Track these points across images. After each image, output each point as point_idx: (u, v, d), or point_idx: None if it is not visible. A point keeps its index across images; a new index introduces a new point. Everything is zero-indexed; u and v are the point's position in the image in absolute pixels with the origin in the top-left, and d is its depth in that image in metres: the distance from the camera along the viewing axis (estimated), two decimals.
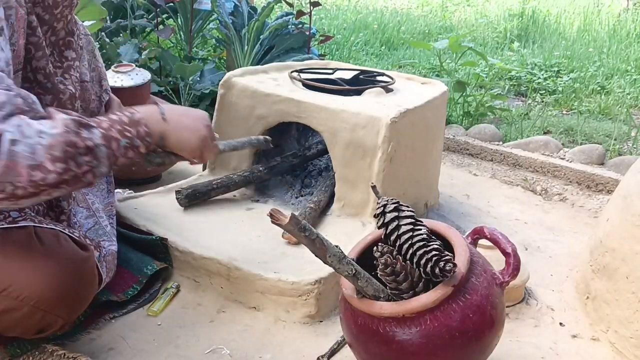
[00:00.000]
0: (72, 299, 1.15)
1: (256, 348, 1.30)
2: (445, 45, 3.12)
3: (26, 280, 1.08)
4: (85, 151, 1.00)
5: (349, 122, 1.59)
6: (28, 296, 1.08)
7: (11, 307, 1.08)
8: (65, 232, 1.20)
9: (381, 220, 1.10)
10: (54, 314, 1.12)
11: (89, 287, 1.20)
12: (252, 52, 2.93)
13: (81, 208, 1.40)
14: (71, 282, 1.13)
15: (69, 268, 1.12)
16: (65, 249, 1.15)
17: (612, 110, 3.24)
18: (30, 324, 1.12)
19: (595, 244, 1.49)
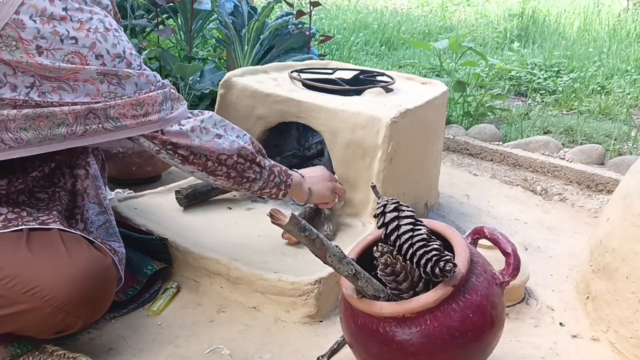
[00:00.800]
0: (95, 303, 1.17)
1: (256, 348, 1.30)
2: (445, 45, 3.12)
3: (53, 282, 1.09)
4: (256, 165, 1.37)
5: (349, 122, 1.59)
6: (54, 297, 1.09)
7: (35, 307, 1.09)
8: (87, 238, 1.22)
9: (381, 220, 1.10)
10: (75, 315, 1.13)
11: (110, 292, 1.22)
12: (252, 52, 2.93)
13: (93, 204, 1.41)
14: (95, 286, 1.15)
15: (93, 273, 1.14)
16: (89, 254, 1.17)
17: (612, 110, 3.24)
18: (51, 324, 1.13)
19: (595, 243, 1.49)
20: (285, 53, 3.00)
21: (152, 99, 1.18)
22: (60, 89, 1.08)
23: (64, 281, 1.10)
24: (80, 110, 1.10)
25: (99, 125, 1.13)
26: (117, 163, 1.95)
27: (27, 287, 1.08)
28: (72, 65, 1.07)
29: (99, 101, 1.12)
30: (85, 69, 1.08)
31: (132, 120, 1.16)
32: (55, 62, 1.06)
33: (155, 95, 1.19)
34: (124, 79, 1.14)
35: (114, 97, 1.13)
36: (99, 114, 1.12)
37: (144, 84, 1.18)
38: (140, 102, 1.17)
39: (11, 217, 1.16)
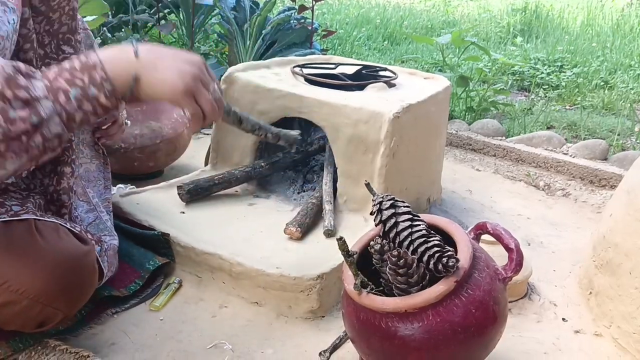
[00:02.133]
0: (71, 293, 1.14)
1: (258, 343, 1.30)
2: (448, 40, 3.11)
3: (26, 274, 1.07)
4: (19, 104, 0.83)
5: (351, 118, 1.59)
6: (27, 289, 1.07)
7: (10, 301, 1.07)
8: (65, 226, 1.19)
9: (378, 217, 1.09)
10: (53, 307, 1.11)
11: (89, 281, 1.19)
12: (254, 47, 2.93)
13: (81, 202, 1.40)
14: (71, 275, 1.12)
15: (68, 262, 1.12)
16: (65, 243, 1.14)
17: (616, 105, 3.23)
18: (29, 317, 1.11)
19: (598, 239, 1.48)
20: (287, 48, 3.00)
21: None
22: None
23: (36, 273, 1.07)
24: None
25: None
26: (118, 158, 1.95)
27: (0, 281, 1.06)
28: None
29: None
30: None
31: None
32: None
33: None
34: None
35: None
36: None
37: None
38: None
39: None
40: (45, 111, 0.85)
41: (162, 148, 1.99)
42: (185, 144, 2.12)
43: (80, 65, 0.89)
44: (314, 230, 1.59)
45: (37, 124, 0.85)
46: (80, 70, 0.89)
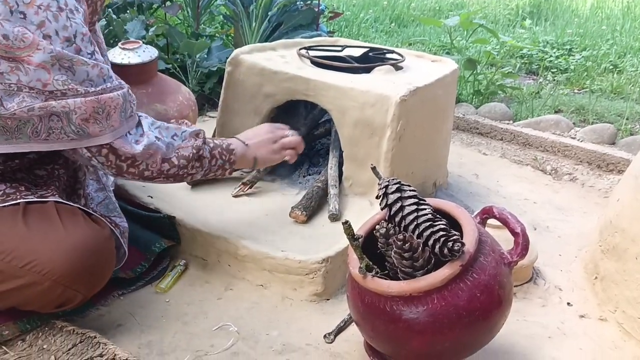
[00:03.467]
0: (92, 275, 1.17)
1: (263, 325, 1.31)
2: (456, 22, 3.08)
3: (50, 256, 1.09)
4: (198, 158, 1.31)
5: (358, 101, 1.58)
6: (50, 271, 1.09)
7: (33, 281, 1.10)
8: (83, 209, 1.22)
9: (384, 201, 1.09)
10: (74, 289, 1.14)
11: (108, 264, 1.22)
12: (260, 29, 2.91)
13: (92, 180, 1.41)
14: (93, 258, 1.15)
15: (90, 244, 1.14)
16: (85, 226, 1.17)
17: (625, 89, 3.20)
18: (50, 298, 1.13)
19: (605, 224, 1.48)
20: (293, 30, 2.97)
21: (114, 101, 1.12)
22: (18, 70, 1.03)
23: (60, 254, 1.10)
24: (43, 110, 1.05)
25: (62, 131, 1.09)
26: None
27: (24, 261, 1.09)
28: (23, 43, 1.01)
29: (53, 90, 1.05)
30: (39, 50, 1.02)
31: (95, 126, 1.11)
32: (7, 32, 1.00)
33: (116, 98, 1.13)
34: (77, 65, 1.07)
35: (67, 85, 1.06)
36: (62, 117, 1.07)
37: (96, 76, 1.10)
38: (102, 104, 1.10)
39: (9, 192, 1.17)
40: (204, 166, 1.34)
41: None
42: None
43: (226, 147, 1.40)
44: (319, 213, 1.59)
45: (197, 172, 1.34)
46: (226, 151, 1.39)
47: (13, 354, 1.16)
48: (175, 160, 1.26)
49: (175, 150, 1.26)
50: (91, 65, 1.09)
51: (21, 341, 1.19)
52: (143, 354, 1.20)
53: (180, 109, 2.02)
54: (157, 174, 1.24)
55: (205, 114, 2.60)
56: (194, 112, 2.08)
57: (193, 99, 2.11)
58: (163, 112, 1.97)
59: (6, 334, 1.18)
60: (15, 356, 1.15)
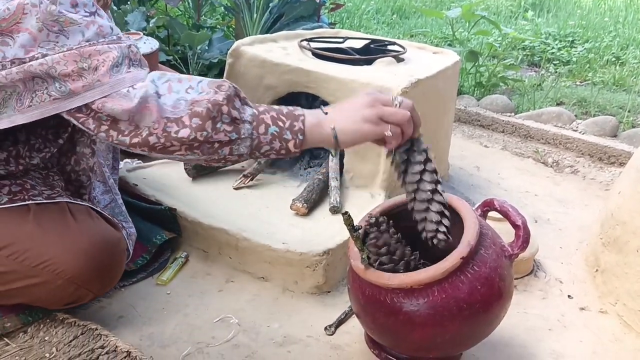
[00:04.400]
0: (105, 275, 1.17)
1: (264, 317, 1.31)
2: (458, 14, 3.07)
3: (64, 255, 1.09)
4: (228, 119, 0.97)
5: (359, 92, 1.57)
6: (64, 270, 1.10)
7: (46, 280, 1.10)
8: (96, 209, 1.22)
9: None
10: (85, 288, 1.14)
11: (120, 264, 1.22)
12: (261, 20, 2.90)
13: (99, 182, 1.40)
14: (106, 258, 1.15)
15: (103, 245, 1.14)
16: (99, 227, 1.17)
17: (627, 82, 3.19)
18: (61, 296, 1.14)
19: (606, 216, 1.48)
20: (294, 21, 2.96)
21: (103, 54, 0.95)
22: (4, 44, 0.93)
23: (74, 254, 1.10)
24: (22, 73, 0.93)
25: (45, 92, 0.95)
26: None
27: (38, 261, 1.09)
28: (8, 11, 0.91)
29: (34, 55, 0.92)
30: (25, 14, 0.92)
31: (78, 82, 0.94)
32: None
33: (106, 50, 0.96)
34: (67, 25, 0.94)
35: (53, 47, 0.93)
36: (44, 77, 0.94)
37: (94, 34, 0.96)
38: (85, 55, 0.94)
39: (15, 190, 1.15)
40: (244, 133, 0.98)
41: None
42: None
43: (287, 111, 1.02)
44: (320, 206, 1.59)
45: (233, 140, 0.98)
46: (285, 115, 1.01)
47: (15, 345, 1.16)
48: (187, 119, 0.95)
49: (188, 106, 0.95)
50: (85, 24, 0.95)
51: (23, 333, 1.19)
52: (144, 345, 1.21)
53: None
54: (168, 141, 0.95)
55: None
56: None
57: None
58: None
59: (8, 326, 1.18)
60: (16, 348, 1.15)
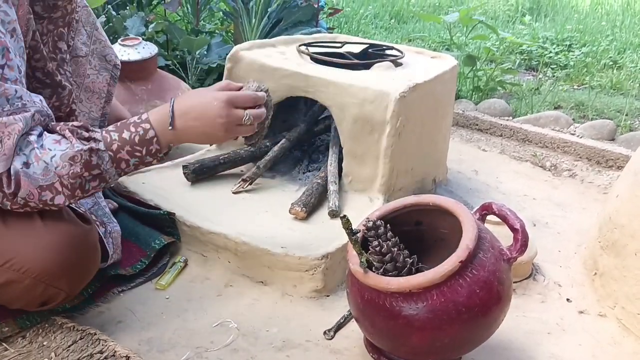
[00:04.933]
0: (74, 273, 1.15)
1: (263, 322, 1.31)
2: (456, 19, 3.08)
3: (28, 253, 1.08)
4: (92, 177, 1.07)
5: (357, 97, 1.58)
6: (30, 269, 1.08)
7: (13, 280, 1.08)
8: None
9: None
10: (55, 287, 1.12)
11: (92, 260, 1.20)
12: (260, 25, 2.90)
13: None
14: (73, 255, 1.12)
15: (71, 241, 1.12)
16: (67, 222, 1.14)
17: (624, 85, 3.19)
18: (32, 296, 1.12)
19: (604, 220, 1.48)
20: (293, 26, 2.97)
21: (8, 125, 0.98)
22: None
23: (39, 252, 1.08)
24: None
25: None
26: None
27: (2, 260, 1.07)
28: None
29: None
30: None
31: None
32: None
33: (12, 121, 0.98)
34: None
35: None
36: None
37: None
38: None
39: None
40: (109, 177, 1.09)
41: None
42: None
43: (139, 139, 1.09)
44: (319, 210, 1.59)
45: (102, 185, 1.10)
46: (139, 144, 1.09)
47: (13, 350, 1.16)
48: (58, 186, 1.04)
49: (55, 177, 1.03)
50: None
51: (21, 338, 1.19)
52: (143, 350, 1.21)
53: None
54: (47, 206, 1.05)
55: None
56: None
57: None
58: None
59: (6, 331, 1.18)
60: (15, 353, 1.15)
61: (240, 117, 1.15)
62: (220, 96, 1.14)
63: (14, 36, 1.01)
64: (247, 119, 1.15)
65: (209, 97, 1.14)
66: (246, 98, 1.17)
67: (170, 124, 1.12)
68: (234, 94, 1.16)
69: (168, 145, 1.15)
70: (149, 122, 1.11)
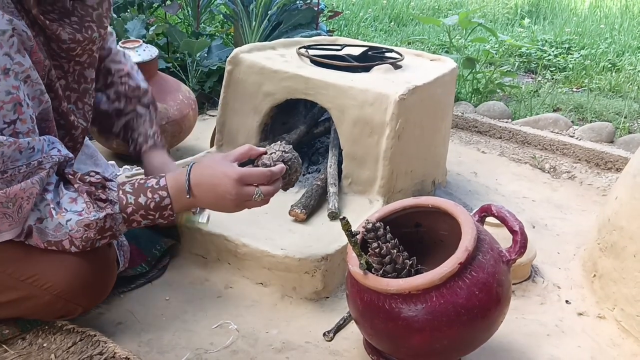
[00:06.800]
0: (93, 289, 1.17)
1: (263, 323, 1.32)
2: (455, 21, 3.09)
3: (52, 270, 1.09)
4: (103, 238, 1.10)
5: (357, 99, 1.58)
6: (52, 286, 1.10)
7: (33, 295, 1.10)
8: None
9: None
10: (74, 302, 1.14)
11: (110, 277, 1.22)
12: (260, 28, 2.91)
13: None
14: (94, 273, 1.14)
15: (92, 258, 1.13)
16: None
17: (623, 88, 3.20)
18: (50, 310, 1.14)
19: (603, 222, 1.48)
20: (293, 29, 2.98)
21: (27, 191, 1.00)
22: None
23: (63, 269, 1.10)
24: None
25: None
26: None
27: (26, 275, 1.09)
28: None
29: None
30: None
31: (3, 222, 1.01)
32: None
33: (29, 187, 1.00)
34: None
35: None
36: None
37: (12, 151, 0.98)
38: (11, 197, 0.99)
39: None
40: (119, 233, 1.12)
41: (168, 129, 1.99)
42: (191, 125, 2.12)
43: (154, 205, 1.10)
44: (318, 212, 1.59)
45: (111, 240, 1.13)
46: (153, 210, 1.10)
47: (13, 352, 1.16)
48: (67, 244, 1.07)
49: (67, 235, 1.06)
50: (7, 145, 0.97)
51: (21, 340, 1.19)
52: (143, 352, 1.21)
53: (180, 107, 2.03)
54: None
55: (205, 113, 2.61)
56: (194, 110, 2.08)
57: (193, 97, 2.11)
58: (163, 111, 1.98)
59: (6, 333, 1.18)
60: (15, 355, 1.15)
61: (250, 194, 1.12)
62: (231, 174, 1.11)
63: (28, 82, 1.01)
64: (258, 197, 1.13)
65: (221, 172, 1.11)
66: (259, 176, 1.13)
67: (188, 192, 1.11)
68: (246, 173, 1.12)
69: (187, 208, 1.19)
70: (166, 189, 1.11)
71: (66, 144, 1.20)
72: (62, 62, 1.15)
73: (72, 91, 1.21)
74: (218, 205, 1.14)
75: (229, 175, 1.10)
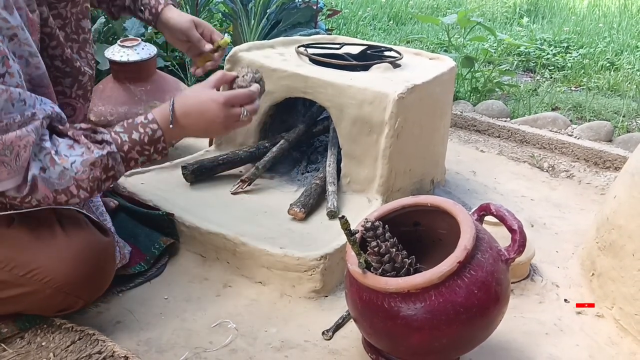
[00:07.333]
0: (93, 283, 1.17)
1: (262, 322, 1.32)
2: (454, 20, 3.09)
3: (51, 264, 1.10)
4: (107, 178, 1.10)
5: (356, 98, 1.58)
6: (52, 280, 1.10)
7: (34, 290, 1.10)
8: (83, 212, 1.21)
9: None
10: (75, 295, 1.14)
11: (109, 270, 1.23)
12: (259, 26, 2.91)
13: None
14: (94, 266, 1.15)
15: (92, 253, 1.14)
16: (88, 234, 1.17)
17: (622, 87, 3.21)
18: (51, 305, 1.14)
19: (601, 221, 1.49)
20: (292, 28, 2.97)
21: (23, 139, 0.99)
22: None
23: (62, 262, 1.10)
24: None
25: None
26: None
27: (25, 270, 1.09)
28: None
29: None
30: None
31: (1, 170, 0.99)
32: None
33: (25, 135, 0.99)
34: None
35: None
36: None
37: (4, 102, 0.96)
38: (8, 145, 0.98)
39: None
40: (120, 174, 1.13)
41: None
42: None
43: (148, 139, 1.12)
44: (317, 211, 1.59)
45: (113, 182, 1.13)
46: (148, 144, 1.13)
47: (12, 351, 1.16)
48: (74, 189, 1.06)
49: (72, 180, 1.05)
50: None
51: (20, 339, 1.19)
52: (142, 351, 1.21)
53: None
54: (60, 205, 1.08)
55: None
56: None
57: None
58: None
59: (5, 332, 1.18)
60: (14, 354, 1.15)
61: (238, 114, 1.18)
62: (218, 98, 1.16)
63: (15, 40, 1.01)
64: (245, 116, 1.19)
65: (206, 98, 1.16)
66: (244, 97, 1.19)
67: (171, 122, 1.14)
68: (232, 95, 1.18)
69: (171, 142, 1.20)
70: (156, 122, 1.13)
71: (76, 93, 1.23)
72: (60, 9, 1.17)
73: (73, 42, 1.22)
74: (208, 130, 1.20)
75: (216, 99, 1.15)
